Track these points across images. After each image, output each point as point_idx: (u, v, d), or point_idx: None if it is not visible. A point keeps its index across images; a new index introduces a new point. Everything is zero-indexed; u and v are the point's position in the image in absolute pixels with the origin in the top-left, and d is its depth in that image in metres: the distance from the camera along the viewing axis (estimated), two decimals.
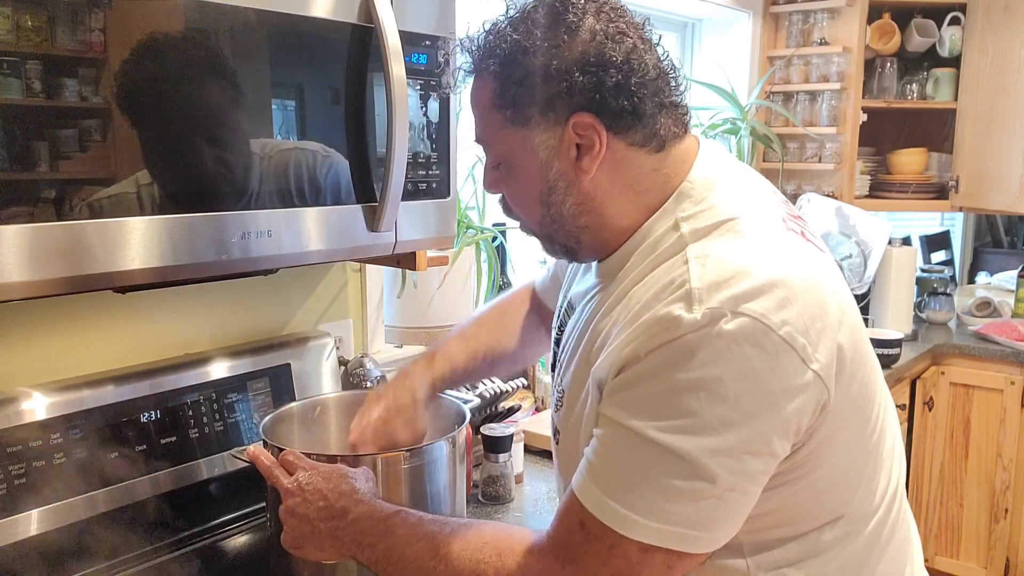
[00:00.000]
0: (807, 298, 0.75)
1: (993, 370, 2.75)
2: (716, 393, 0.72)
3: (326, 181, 1.08)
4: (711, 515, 0.75)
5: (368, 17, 1.07)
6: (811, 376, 0.74)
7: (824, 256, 0.85)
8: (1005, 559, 2.79)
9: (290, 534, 0.95)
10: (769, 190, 0.91)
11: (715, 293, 0.73)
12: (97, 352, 1.28)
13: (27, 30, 0.79)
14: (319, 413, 1.28)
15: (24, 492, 1.11)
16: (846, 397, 0.78)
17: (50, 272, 0.84)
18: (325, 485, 0.94)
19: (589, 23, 0.80)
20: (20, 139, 0.80)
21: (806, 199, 2.92)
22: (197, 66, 0.93)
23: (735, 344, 0.72)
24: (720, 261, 0.76)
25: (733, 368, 0.72)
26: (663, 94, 0.83)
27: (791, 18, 2.99)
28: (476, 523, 0.90)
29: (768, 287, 0.74)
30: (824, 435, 0.78)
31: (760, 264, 0.76)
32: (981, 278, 3.49)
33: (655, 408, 0.74)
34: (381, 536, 0.89)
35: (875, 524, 0.87)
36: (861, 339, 0.82)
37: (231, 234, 0.97)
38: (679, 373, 0.73)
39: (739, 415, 0.73)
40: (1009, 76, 2.82)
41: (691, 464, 0.73)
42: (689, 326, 0.73)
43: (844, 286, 0.84)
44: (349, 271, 1.67)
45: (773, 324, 0.72)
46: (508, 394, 1.67)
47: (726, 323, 0.72)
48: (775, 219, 0.84)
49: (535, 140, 0.83)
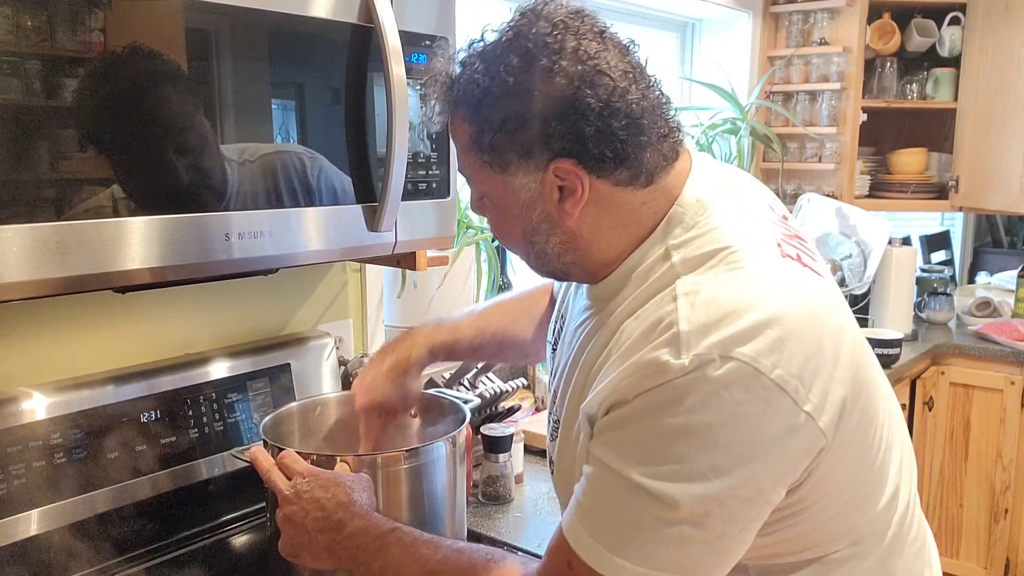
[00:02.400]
0: (801, 337, 0.72)
1: (993, 370, 2.74)
2: (705, 439, 0.70)
3: (326, 181, 1.08)
4: (700, 561, 0.73)
5: (368, 17, 1.07)
6: (804, 418, 0.72)
7: (821, 282, 0.81)
8: (1005, 559, 2.80)
9: (287, 542, 0.95)
10: (765, 206, 0.87)
11: (703, 338, 0.71)
12: (97, 352, 1.28)
13: (27, 30, 0.79)
14: (319, 413, 1.28)
15: (24, 492, 1.11)
16: (845, 431, 0.76)
17: (50, 272, 0.83)
18: (323, 495, 0.93)
19: (565, 67, 0.74)
20: (20, 139, 0.80)
21: (806, 199, 2.92)
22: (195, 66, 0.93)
23: (724, 389, 0.69)
24: (710, 300, 0.73)
25: (723, 414, 0.70)
26: (649, 131, 0.78)
27: (791, 18, 2.99)
28: (468, 550, 0.89)
29: (760, 328, 0.71)
30: (823, 472, 0.76)
31: (752, 302, 0.72)
32: (981, 278, 3.49)
33: (643, 452, 0.73)
34: (376, 554, 0.89)
35: (888, 541, 0.85)
36: (862, 364, 0.79)
37: (231, 234, 0.97)
38: (667, 418, 0.71)
39: (729, 461, 0.71)
40: (1009, 76, 2.82)
41: (679, 510, 0.71)
42: (677, 371, 0.70)
43: (842, 310, 0.81)
44: (349, 271, 1.67)
45: (764, 368, 0.70)
46: (508, 394, 1.67)
47: (715, 369, 0.69)
48: (770, 245, 0.80)
49: (516, 183, 0.80)
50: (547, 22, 0.77)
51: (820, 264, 0.86)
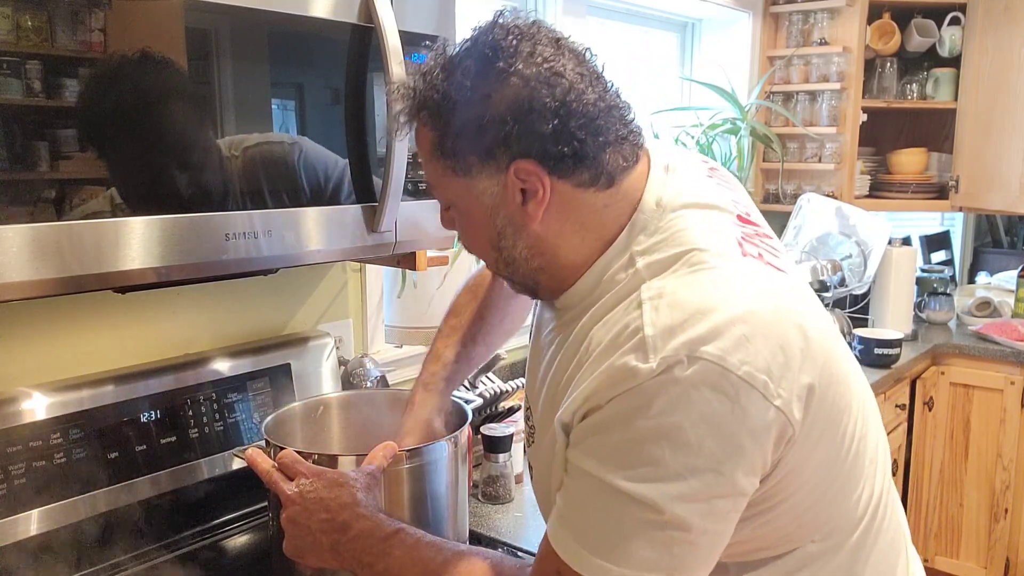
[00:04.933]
0: (767, 332, 0.73)
1: (993, 370, 2.74)
2: (678, 440, 0.71)
3: (326, 181, 1.08)
4: (684, 559, 0.74)
5: (368, 17, 1.07)
6: (774, 413, 0.73)
7: (783, 278, 0.82)
8: (1005, 559, 2.79)
9: (292, 543, 0.95)
10: (728, 201, 0.87)
11: (669, 340, 0.71)
12: (97, 352, 1.28)
13: (27, 30, 0.79)
14: (321, 413, 1.27)
15: (24, 492, 1.11)
16: (815, 422, 0.77)
17: (50, 272, 0.83)
18: (327, 495, 0.94)
19: (520, 69, 0.76)
20: (20, 139, 0.80)
21: (806, 199, 2.92)
22: (195, 66, 0.93)
23: (693, 389, 0.70)
24: (674, 303, 0.74)
25: (693, 414, 0.71)
26: (607, 132, 0.79)
27: (791, 18, 2.99)
28: (468, 555, 0.89)
29: (724, 327, 0.71)
30: (793, 464, 0.77)
31: (715, 302, 0.73)
32: (981, 278, 3.49)
33: (619, 457, 0.73)
34: (379, 556, 0.89)
35: (860, 532, 0.86)
36: (831, 357, 0.79)
37: (231, 234, 0.97)
38: (639, 421, 0.72)
39: (703, 460, 0.71)
40: (1009, 76, 2.82)
41: (660, 512, 0.72)
42: (645, 375, 0.71)
43: (807, 305, 0.81)
44: (349, 271, 1.67)
45: (731, 365, 0.71)
46: (508, 394, 1.67)
47: (682, 370, 0.70)
48: (731, 245, 0.81)
49: (479, 187, 0.81)
50: (503, 30, 0.79)
51: (783, 260, 0.87)
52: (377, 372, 1.56)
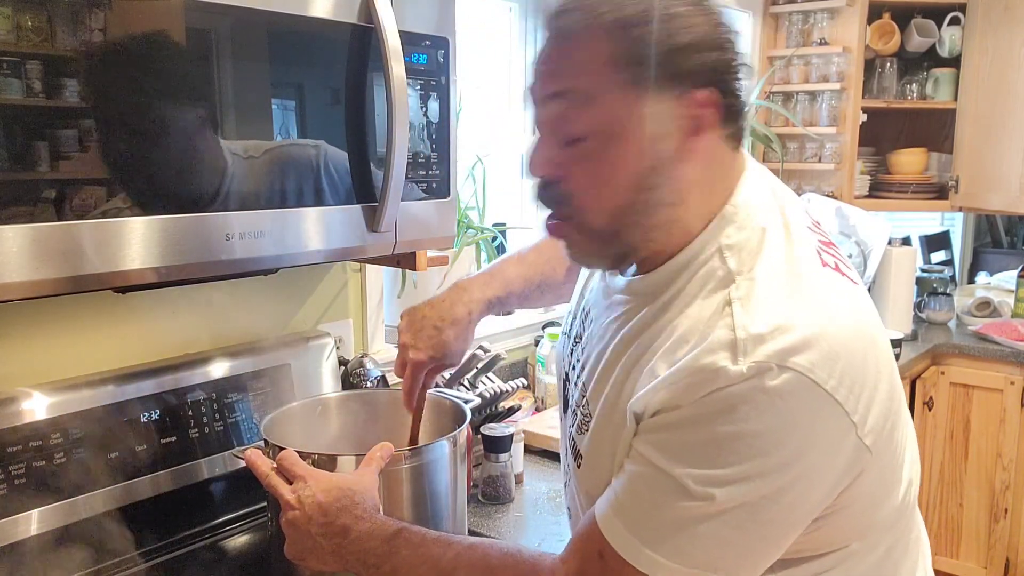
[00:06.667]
0: (850, 349, 0.74)
1: (993, 370, 2.75)
2: (755, 447, 0.71)
3: (326, 181, 1.08)
4: (735, 561, 0.74)
5: (368, 17, 1.07)
6: (852, 430, 0.73)
7: (858, 290, 0.83)
8: (1005, 559, 2.80)
9: (292, 546, 0.95)
10: (803, 211, 0.88)
11: (760, 345, 0.71)
12: (97, 352, 1.28)
13: (27, 30, 0.79)
14: (321, 413, 1.27)
15: (24, 492, 1.11)
16: (886, 447, 0.78)
17: (50, 272, 0.84)
18: (324, 498, 0.93)
19: (715, 12, 0.79)
20: (20, 139, 0.80)
21: (806, 199, 2.92)
22: (196, 66, 0.93)
23: (779, 399, 0.70)
24: (765, 308, 0.74)
25: (777, 422, 0.71)
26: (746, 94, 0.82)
27: (791, 18, 3.00)
28: (480, 546, 0.88)
29: (813, 340, 0.72)
30: (860, 480, 0.77)
31: (804, 313, 0.74)
32: (981, 278, 3.49)
33: (692, 456, 0.73)
34: (385, 557, 0.88)
35: (895, 532, 0.87)
36: (894, 369, 0.81)
37: (231, 234, 0.97)
38: (720, 425, 0.71)
39: (776, 466, 0.71)
40: (1009, 76, 2.82)
41: (720, 512, 0.72)
42: (734, 378, 0.71)
43: (878, 319, 0.83)
44: (349, 271, 1.67)
45: (819, 379, 0.71)
46: (508, 394, 1.67)
47: (772, 378, 0.70)
48: (812, 254, 0.81)
49: (650, 110, 0.76)
50: None
51: (854, 272, 0.87)
52: (377, 372, 1.56)
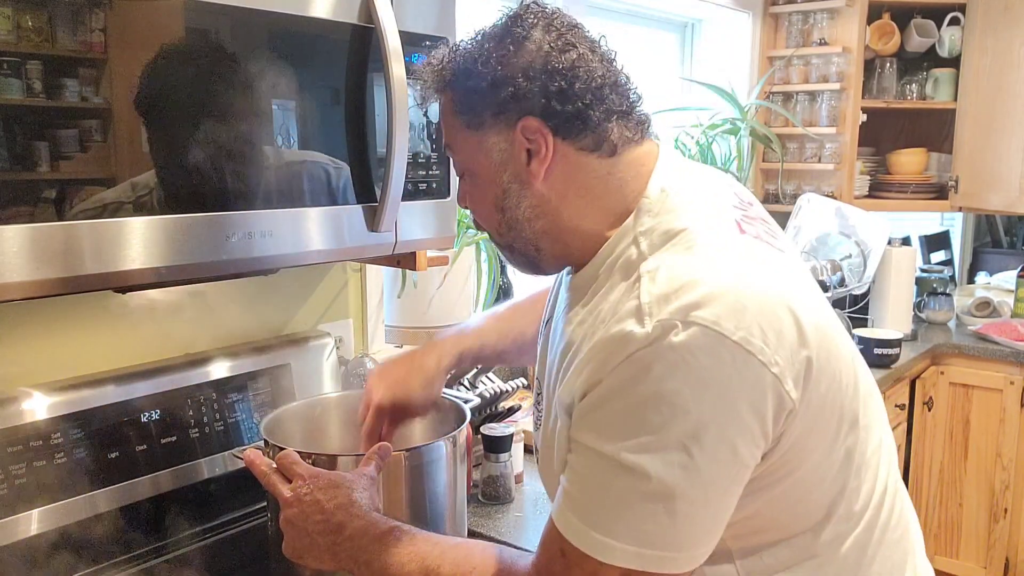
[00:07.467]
0: (761, 300, 0.74)
1: (992, 370, 2.75)
2: (676, 405, 0.72)
3: (326, 181, 1.08)
4: (688, 532, 0.75)
5: (368, 17, 1.07)
6: (771, 379, 0.73)
7: (783, 257, 0.84)
8: (1004, 559, 2.80)
9: (290, 545, 0.96)
10: (728, 192, 0.91)
11: (664, 305, 0.73)
12: (97, 352, 1.28)
13: (27, 30, 0.79)
14: (320, 413, 1.28)
15: (24, 492, 1.11)
16: (815, 397, 0.78)
17: (50, 272, 0.84)
18: (323, 497, 0.94)
19: (536, 35, 0.83)
20: (20, 139, 0.80)
21: (806, 199, 2.92)
22: (196, 66, 0.93)
23: (689, 354, 0.71)
24: (670, 274, 0.76)
25: (691, 378, 0.72)
26: (612, 103, 0.84)
27: (791, 18, 2.99)
28: (465, 545, 0.91)
29: (719, 294, 0.73)
30: (795, 438, 0.78)
31: (711, 271, 0.76)
32: (981, 278, 3.50)
33: (621, 427, 0.74)
34: (376, 554, 0.90)
35: (865, 525, 0.86)
36: (829, 337, 0.80)
37: (231, 234, 0.97)
38: (639, 387, 0.73)
39: (702, 426, 0.72)
40: (1009, 76, 2.82)
41: (661, 483, 0.73)
42: (642, 340, 0.72)
43: (805, 283, 0.83)
44: (349, 271, 1.67)
45: (726, 330, 0.72)
46: (508, 394, 1.67)
47: (676, 334, 0.72)
48: (729, 224, 0.84)
49: (489, 143, 0.85)
50: (524, 7, 0.86)
51: (782, 243, 0.89)
52: None
